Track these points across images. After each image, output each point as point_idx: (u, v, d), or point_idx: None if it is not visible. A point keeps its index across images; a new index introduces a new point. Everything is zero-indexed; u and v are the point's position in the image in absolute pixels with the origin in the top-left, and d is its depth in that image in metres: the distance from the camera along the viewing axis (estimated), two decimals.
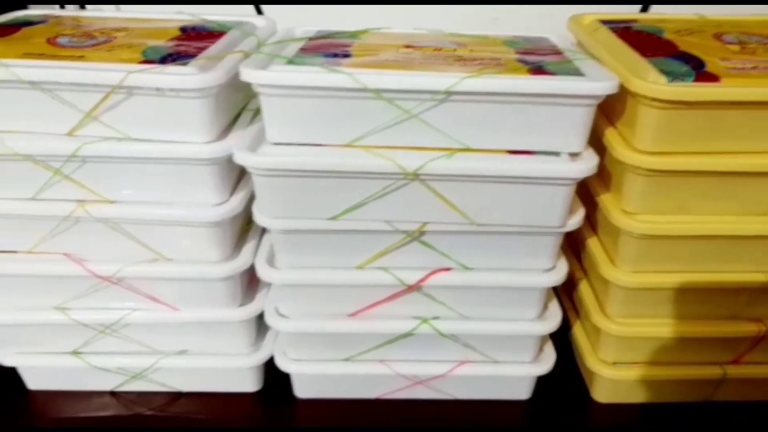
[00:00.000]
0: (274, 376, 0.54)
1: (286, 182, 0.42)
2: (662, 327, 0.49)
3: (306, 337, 0.50)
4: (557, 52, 0.46)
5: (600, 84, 0.38)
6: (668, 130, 0.41)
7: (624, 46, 0.45)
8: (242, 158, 0.41)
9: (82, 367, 0.52)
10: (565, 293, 0.59)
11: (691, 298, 0.48)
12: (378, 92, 0.39)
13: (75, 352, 0.52)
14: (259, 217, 0.44)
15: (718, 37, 0.47)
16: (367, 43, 0.46)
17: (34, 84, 0.40)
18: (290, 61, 0.41)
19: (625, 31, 0.49)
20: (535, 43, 0.48)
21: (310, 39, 0.48)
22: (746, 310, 0.49)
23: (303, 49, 0.44)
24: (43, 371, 0.53)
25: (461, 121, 0.40)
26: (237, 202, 0.45)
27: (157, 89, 0.39)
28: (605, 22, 0.51)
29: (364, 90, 0.39)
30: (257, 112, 0.46)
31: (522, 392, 0.54)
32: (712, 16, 0.52)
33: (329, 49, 0.45)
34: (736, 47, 0.45)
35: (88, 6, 0.65)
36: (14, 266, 0.47)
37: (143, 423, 0.52)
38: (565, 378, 0.56)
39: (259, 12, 0.60)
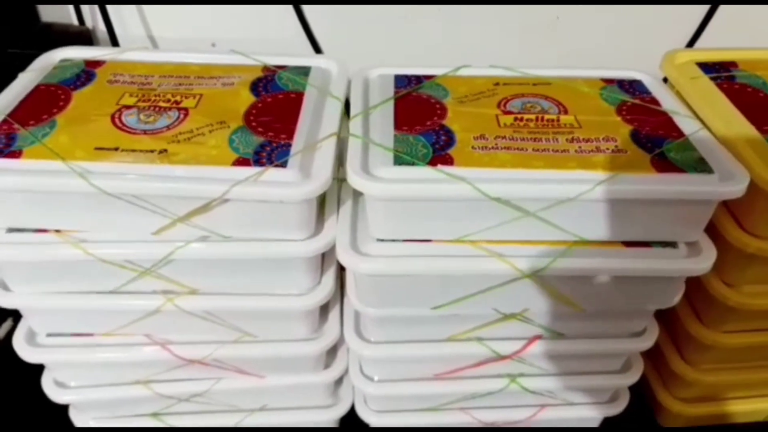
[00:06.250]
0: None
1: (391, 279, 0.40)
2: (733, 374, 0.52)
3: (389, 394, 0.50)
4: (664, 115, 0.43)
5: (732, 188, 0.36)
6: None
7: (736, 114, 0.43)
8: (349, 262, 0.39)
9: (162, 426, 0.51)
10: None
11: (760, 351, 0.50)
12: (498, 198, 0.36)
13: (154, 414, 0.51)
14: (358, 305, 0.43)
15: None
16: (462, 110, 0.43)
17: (120, 195, 0.36)
18: (397, 157, 0.38)
19: (729, 84, 0.46)
20: (633, 93, 0.45)
21: (396, 98, 0.44)
22: None
23: (398, 125, 0.41)
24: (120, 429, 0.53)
25: (578, 216, 0.38)
26: (330, 285, 0.43)
27: (261, 201, 0.36)
28: (702, 66, 0.47)
29: (485, 196, 0.36)
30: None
31: (593, 423, 0.56)
32: None
33: (425, 120, 0.41)
34: None
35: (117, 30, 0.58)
36: (98, 355, 0.45)
37: None
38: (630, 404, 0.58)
39: (318, 51, 0.54)
